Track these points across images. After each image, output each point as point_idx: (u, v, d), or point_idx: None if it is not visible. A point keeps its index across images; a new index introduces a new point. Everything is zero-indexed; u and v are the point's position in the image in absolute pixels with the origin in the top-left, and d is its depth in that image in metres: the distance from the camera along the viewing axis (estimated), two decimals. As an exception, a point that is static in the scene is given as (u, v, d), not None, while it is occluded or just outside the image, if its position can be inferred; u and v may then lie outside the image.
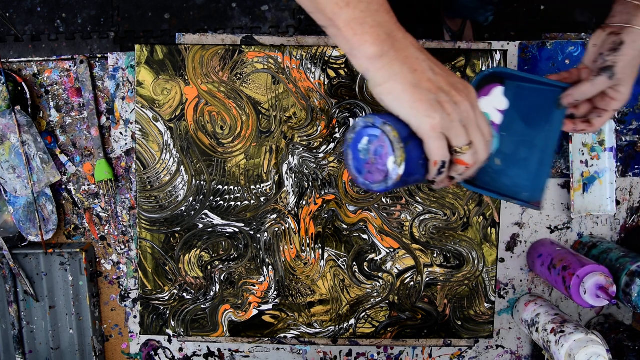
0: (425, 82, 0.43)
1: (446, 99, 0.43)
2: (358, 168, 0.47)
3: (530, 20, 1.42)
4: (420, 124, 0.43)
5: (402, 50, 0.43)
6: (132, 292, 0.81)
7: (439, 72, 0.44)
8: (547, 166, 0.58)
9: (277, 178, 0.70)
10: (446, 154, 0.44)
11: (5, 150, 0.76)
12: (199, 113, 0.69)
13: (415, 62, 0.43)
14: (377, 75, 0.43)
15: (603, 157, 0.74)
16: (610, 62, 0.54)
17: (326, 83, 0.69)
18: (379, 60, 0.42)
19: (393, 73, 0.42)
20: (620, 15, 0.55)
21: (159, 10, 1.43)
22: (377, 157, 0.45)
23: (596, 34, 0.56)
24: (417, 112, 0.42)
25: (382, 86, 0.43)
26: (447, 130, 0.43)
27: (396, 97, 0.43)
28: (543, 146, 0.59)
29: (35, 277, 0.79)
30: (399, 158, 0.43)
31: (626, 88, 0.55)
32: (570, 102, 0.57)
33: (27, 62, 0.77)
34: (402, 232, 0.71)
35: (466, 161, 0.45)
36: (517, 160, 0.59)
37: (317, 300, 0.72)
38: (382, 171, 0.45)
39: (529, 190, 0.58)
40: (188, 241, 0.71)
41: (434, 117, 0.42)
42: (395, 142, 0.43)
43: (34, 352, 0.81)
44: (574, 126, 0.60)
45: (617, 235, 0.79)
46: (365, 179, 0.47)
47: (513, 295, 0.80)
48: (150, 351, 0.81)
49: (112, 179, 0.78)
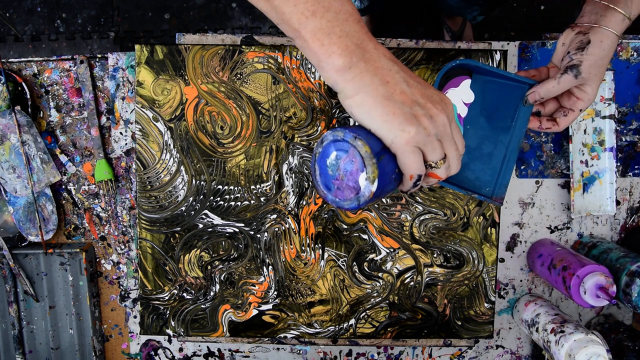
0: (398, 95, 0.41)
1: (422, 112, 0.41)
2: (326, 184, 0.44)
3: (530, 20, 1.42)
4: (394, 137, 0.41)
5: (372, 61, 0.41)
6: (132, 292, 0.80)
7: (413, 84, 0.42)
8: (511, 162, 0.58)
9: (277, 178, 0.70)
10: (422, 167, 0.42)
11: (5, 150, 0.76)
12: (199, 113, 0.69)
13: (388, 73, 0.41)
14: (347, 88, 0.41)
15: (603, 157, 0.74)
16: (576, 61, 0.54)
17: (326, 83, 0.69)
18: (348, 72, 0.41)
19: (363, 85, 0.41)
20: (589, 15, 0.55)
21: (159, 10, 1.43)
22: (347, 174, 0.43)
23: (565, 33, 0.57)
24: (391, 125, 0.41)
25: (352, 99, 0.41)
26: (423, 144, 0.41)
27: (367, 110, 0.41)
28: (508, 142, 0.59)
29: (35, 277, 0.79)
30: (372, 174, 0.41)
31: (592, 88, 0.55)
32: (535, 99, 0.57)
33: (27, 62, 0.77)
34: (402, 232, 0.71)
35: (439, 175, 0.44)
36: (481, 154, 0.59)
37: (317, 300, 0.72)
38: (352, 188, 0.42)
39: (491, 185, 0.58)
40: (188, 241, 0.71)
41: (409, 130, 0.40)
42: (367, 158, 0.41)
43: (34, 352, 0.81)
44: (539, 124, 0.60)
45: (617, 235, 0.79)
46: (335, 196, 0.44)
47: (513, 295, 0.80)
48: (150, 351, 0.81)
49: (112, 179, 0.78)
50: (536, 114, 0.60)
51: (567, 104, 0.58)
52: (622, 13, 0.53)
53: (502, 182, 0.58)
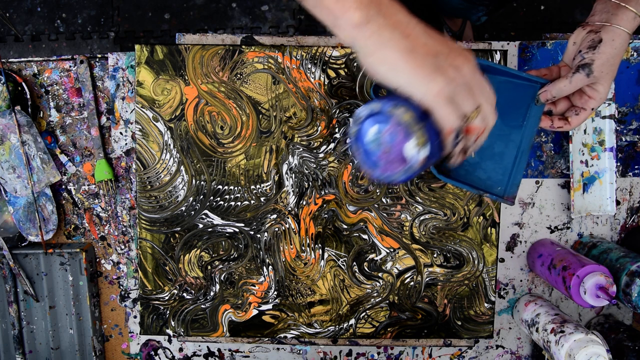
0: (421, 47, 0.40)
1: (446, 63, 0.40)
2: (371, 162, 0.43)
3: (530, 20, 1.42)
4: (424, 91, 0.40)
5: (390, 15, 0.40)
6: (132, 292, 0.80)
7: (433, 36, 0.41)
8: (522, 162, 0.58)
9: (277, 178, 0.70)
10: (457, 120, 0.41)
11: (5, 150, 0.76)
12: (199, 113, 0.69)
13: (407, 26, 0.40)
14: (367, 44, 0.40)
15: (603, 157, 0.74)
16: (588, 60, 0.54)
17: (326, 83, 0.69)
18: (366, 26, 0.39)
19: (384, 40, 0.39)
20: (600, 14, 0.55)
21: (159, 10, 1.43)
22: (393, 145, 0.41)
23: (576, 32, 0.56)
24: (419, 79, 0.39)
25: (373, 56, 0.40)
26: (454, 95, 0.40)
27: (392, 66, 0.40)
28: (519, 141, 0.59)
29: (35, 277, 0.79)
30: (420, 139, 0.40)
31: (604, 87, 0.55)
32: (547, 98, 0.57)
33: (27, 62, 0.77)
34: (402, 232, 0.71)
35: (477, 126, 0.43)
36: (492, 154, 0.59)
37: (317, 300, 0.72)
38: (400, 159, 0.41)
39: (503, 184, 0.58)
40: (188, 241, 0.71)
41: (438, 81, 0.39)
42: (411, 124, 0.40)
43: (34, 352, 0.81)
44: (551, 123, 0.59)
45: (617, 235, 0.79)
46: (383, 172, 0.42)
47: (513, 295, 0.80)
48: (150, 351, 0.81)
49: (112, 179, 0.78)
50: (547, 113, 0.60)
51: (578, 102, 0.57)
52: (633, 11, 0.53)
53: (514, 181, 0.58)
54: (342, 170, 0.70)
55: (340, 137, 0.70)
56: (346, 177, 0.70)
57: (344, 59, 0.69)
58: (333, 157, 0.70)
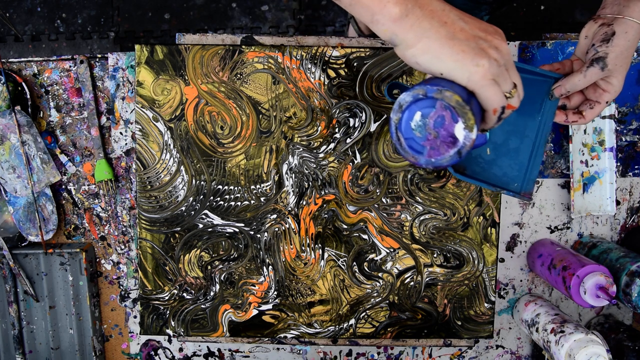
0: (459, 32, 0.41)
1: (486, 45, 0.41)
2: (415, 148, 0.43)
3: (530, 20, 1.42)
4: (469, 74, 0.41)
5: (425, 5, 0.41)
6: (132, 292, 0.81)
7: (468, 20, 0.42)
8: (538, 157, 0.58)
9: (277, 178, 0.70)
10: (503, 98, 0.42)
11: (5, 150, 0.76)
12: (199, 113, 0.69)
13: (442, 14, 0.41)
14: (408, 37, 0.41)
15: (603, 157, 0.74)
16: (601, 53, 0.53)
17: (326, 83, 0.69)
18: (406, 19, 0.40)
19: (424, 30, 0.40)
20: (611, 6, 0.55)
21: (159, 10, 1.43)
22: (440, 129, 0.42)
23: (587, 26, 0.56)
24: (463, 63, 0.40)
25: (415, 47, 0.41)
26: (497, 76, 0.41)
27: (435, 54, 0.41)
28: (534, 137, 0.58)
29: (35, 277, 0.79)
30: (470, 121, 0.40)
31: (618, 80, 0.55)
32: (561, 92, 0.57)
33: (27, 62, 0.77)
34: (402, 232, 0.71)
35: (514, 104, 0.44)
36: (507, 150, 0.58)
37: (317, 300, 0.72)
38: (449, 142, 0.42)
39: (519, 180, 0.58)
40: (188, 241, 0.71)
41: (483, 64, 0.40)
42: (459, 107, 0.40)
43: (34, 352, 0.81)
44: (565, 117, 0.59)
45: (617, 235, 0.79)
46: (430, 157, 0.43)
47: (513, 295, 0.80)
48: (150, 351, 0.81)
49: (112, 179, 0.78)
50: (562, 107, 0.60)
51: (593, 96, 0.57)
52: None
53: (530, 177, 0.58)
54: (342, 170, 0.70)
55: (340, 137, 0.70)
56: (346, 177, 0.70)
57: (344, 59, 0.69)
58: (333, 157, 0.70)
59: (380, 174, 0.70)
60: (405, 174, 0.70)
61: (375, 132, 0.70)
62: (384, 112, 0.69)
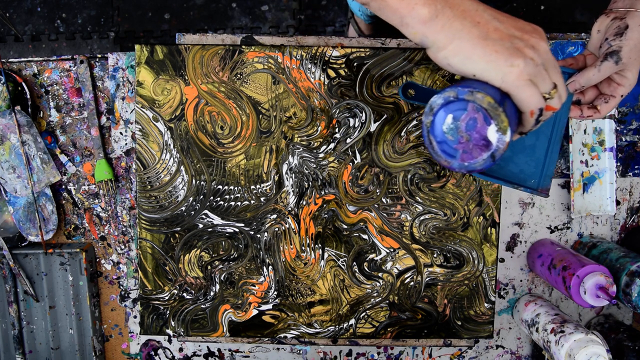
0: (493, 32, 0.40)
1: (522, 44, 0.40)
2: (448, 152, 0.42)
3: (531, 20, 1.42)
4: (503, 75, 0.40)
5: (456, 5, 0.40)
6: (132, 292, 0.81)
7: (503, 19, 0.41)
8: (554, 153, 0.58)
9: (277, 178, 0.70)
10: (541, 100, 0.41)
11: (5, 150, 0.76)
12: (199, 113, 0.69)
13: (475, 13, 0.40)
14: (438, 39, 0.40)
15: (603, 157, 0.74)
16: (615, 47, 0.53)
17: (326, 83, 0.69)
18: (436, 21, 0.39)
19: (455, 31, 0.39)
20: (623, 0, 0.55)
21: (159, 10, 1.43)
22: (472, 132, 0.41)
23: (599, 20, 0.56)
24: (497, 64, 0.39)
25: (446, 49, 0.40)
26: (534, 76, 0.40)
27: (467, 55, 0.40)
28: (550, 133, 0.58)
29: (35, 277, 0.79)
30: (503, 124, 0.39)
31: (632, 73, 0.54)
32: (576, 88, 0.56)
33: (27, 62, 0.77)
34: (402, 232, 0.71)
35: (554, 105, 0.43)
36: (524, 147, 0.58)
37: (317, 300, 0.72)
38: (482, 145, 0.41)
39: (536, 177, 0.58)
40: (188, 241, 0.71)
41: (518, 64, 0.39)
42: (492, 109, 0.39)
43: (34, 352, 0.81)
44: (580, 112, 0.59)
45: (617, 235, 0.79)
46: (462, 161, 0.42)
47: (513, 295, 0.80)
48: (150, 351, 0.81)
49: (112, 179, 0.78)
50: (576, 102, 0.59)
51: (607, 90, 0.57)
52: None
53: (547, 173, 0.58)
54: (342, 170, 0.70)
55: (340, 137, 0.70)
56: (346, 177, 0.70)
57: (344, 59, 0.69)
58: (333, 157, 0.70)
59: (380, 174, 0.70)
60: (405, 174, 0.70)
61: (375, 132, 0.70)
62: (384, 112, 0.69)
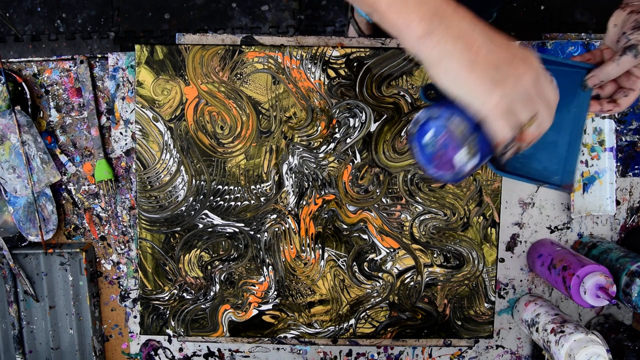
0: (482, 58, 0.40)
1: (506, 74, 0.40)
2: (426, 160, 0.46)
3: (530, 20, 1.42)
4: (480, 104, 0.41)
5: (453, 26, 0.40)
6: (132, 292, 0.81)
7: (498, 44, 0.41)
8: (576, 148, 0.57)
9: (277, 178, 0.70)
10: (511, 131, 0.42)
11: (5, 150, 0.76)
12: (199, 113, 0.69)
13: (471, 36, 0.40)
14: (431, 55, 0.41)
15: (603, 157, 0.74)
16: (634, 41, 0.53)
17: (326, 83, 0.69)
18: (430, 38, 0.40)
19: (446, 51, 0.40)
20: None
21: (159, 10, 1.43)
22: (445, 151, 0.44)
23: (615, 14, 0.56)
24: (477, 92, 0.40)
25: (437, 66, 0.41)
26: (511, 106, 0.41)
27: (453, 77, 0.41)
28: (570, 128, 0.58)
29: (35, 277, 0.79)
30: (471, 150, 0.42)
31: None
32: (595, 83, 0.56)
33: (27, 62, 0.77)
34: (402, 232, 0.71)
35: (531, 134, 0.44)
36: (545, 144, 0.58)
37: (317, 300, 0.72)
38: (451, 164, 0.44)
39: (559, 173, 0.58)
40: (188, 241, 0.71)
41: (495, 94, 0.40)
42: (464, 136, 0.42)
43: (34, 352, 0.81)
44: (600, 107, 0.59)
45: (617, 235, 0.79)
46: (436, 170, 0.46)
47: (513, 295, 0.80)
48: (150, 351, 0.81)
49: (112, 179, 0.78)
50: (595, 97, 0.59)
51: (626, 84, 0.57)
52: None
53: (569, 168, 0.58)
54: (342, 170, 0.70)
55: (340, 137, 0.70)
56: (346, 177, 0.70)
57: (344, 59, 0.69)
58: (333, 157, 0.70)
59: (380, 174, 0.70)
60: (405, 174, 0.70)
61: (375, 132, 0.70)
62: (384, 112, 0.69)
